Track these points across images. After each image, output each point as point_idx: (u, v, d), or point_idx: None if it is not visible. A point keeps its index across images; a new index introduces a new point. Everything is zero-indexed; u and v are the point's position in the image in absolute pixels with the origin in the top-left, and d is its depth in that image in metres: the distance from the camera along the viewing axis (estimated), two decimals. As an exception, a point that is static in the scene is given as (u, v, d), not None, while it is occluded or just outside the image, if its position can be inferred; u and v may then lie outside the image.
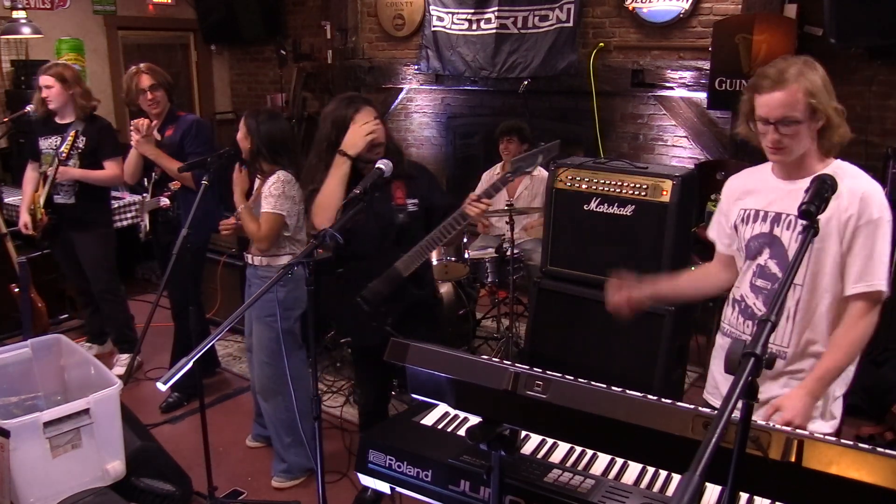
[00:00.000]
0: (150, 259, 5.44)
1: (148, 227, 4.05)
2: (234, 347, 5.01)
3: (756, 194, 2.19)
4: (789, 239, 2.08)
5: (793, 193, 2.03)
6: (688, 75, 5.09)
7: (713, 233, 2.40)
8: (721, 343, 2.33)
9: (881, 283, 1.98)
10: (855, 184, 1.99)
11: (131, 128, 3.82)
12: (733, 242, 2.27)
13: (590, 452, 1.82)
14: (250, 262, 3.37)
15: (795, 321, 2.10)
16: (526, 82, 5.02)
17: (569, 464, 1.78)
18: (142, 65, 3.96)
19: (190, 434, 3.75)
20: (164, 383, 1.96)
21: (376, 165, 2.58)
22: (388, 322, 2.80)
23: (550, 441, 1.87)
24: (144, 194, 4.04)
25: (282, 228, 3.19)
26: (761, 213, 2.15)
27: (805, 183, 1.92)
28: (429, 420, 2.02)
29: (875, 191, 1.99)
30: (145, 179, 4.02)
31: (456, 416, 2.02)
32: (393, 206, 2.85)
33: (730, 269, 2.33)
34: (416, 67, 6.47)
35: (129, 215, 5.54)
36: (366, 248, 2.84)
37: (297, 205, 3.20)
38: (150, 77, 3.89)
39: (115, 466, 2.78)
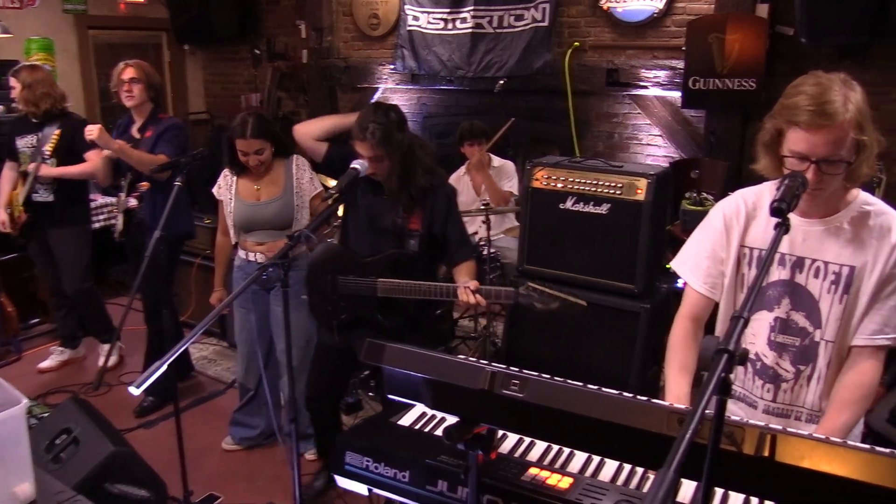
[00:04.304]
0: (124, 261, 5.39)
1: (122, 228, 4.02)
2: (208, 350, 4.97)
3: (764, 230, 1.90)
4: (819, 289, 1.83)
5: (816, 235, 1.83)
6: (662, 74, 5.14)
7: (686, 270, 2.06)
8: (731, 410, 1.89)
9: None
10: (893, 230, 1.77)
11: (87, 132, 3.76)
12: (718, 285, 2.00)
13: (567, 450, 1.82)
14: (251, 259, 3.37)
15: (827, 382, 1.87)
16: (502, 82, 5.04)
17: (546, 462, 1.79)
18: (132, 60, 3.98)
19: (165, 438, 3.71)
20: (137, 387, 1.94)
21: (352, 166, 2.57)
22: (341, 317, 2.83)
23: (528, 440, 1.87)
24: (120, 193, 3.99)
25: None
26: (777, 256, 1.86)
27: (831, 222, 1.81)
28: (406, 421, 2.01)
29: None
30: (122, 181, 3.98)
31: (433, 417, 2.02)
32: (404, 229, 2.76)
33: (704, 318, 2.05)
34: (392, 67, 6.46)
35: (101, 217, 5.48)
36: (360, 251, 2.85)
37: None
38: (133, 70, 3.90)
39: (24, 489, 2.69)
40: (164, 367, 1.93)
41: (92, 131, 3.68)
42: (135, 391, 1.92)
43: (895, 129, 4.35)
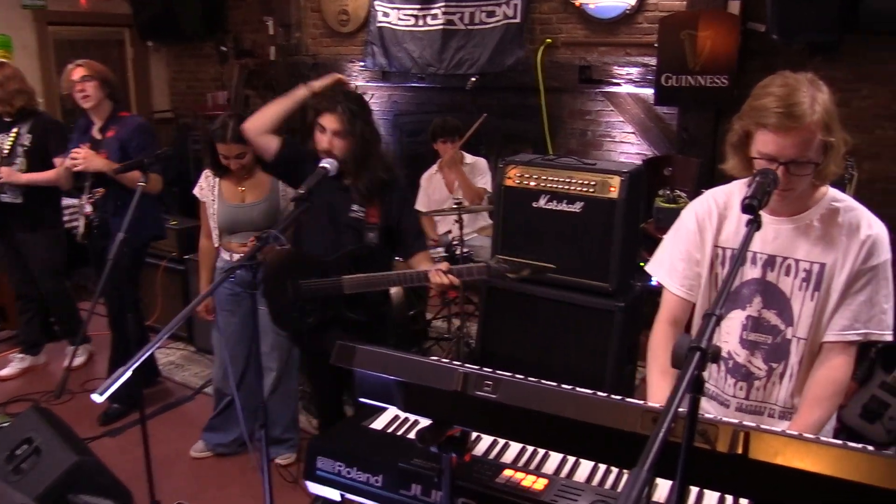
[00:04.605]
0: (86, 264, 5.32)
1: (83, 231, 3.96)
2: (175, 355, 4.91)
3: (736, 229, 1.93)
4: (791, 286, 1.87)
5: (787, 233, 1.86)
6: (634, 71, 5.18)
7: (662, 273, 2.08)
8: (703, 408, 1.98)
9: (884, 333, 1.82)
10: (862, 227, 1.81)
11: (70, 159, 3.71)
12: (695, 286, 2.02)
13: (542, 451, 1.83)
14: (227, 258, 3.39)
15: (799, 379, 1.91)
16: (473, 79, 5.05)
17: (521, 463, 1.79)
18: (81, 60, 3.90)
19: (130, 446, 3.66)
20: (101, 394, 1.90)
21: (320, 164, 2.56)
22: (308, 321, 2.83)
23: (502, 441, 1.88)
24: (82, 195, 3.93)
25: None
26: (749, 255, 1.90)
27: (801, 220, 1.85)
28: (378, 424, 2.01)
29: (882, 231, 1.82)
30: (84, 182, 3.92)
31: (406, 419, 2.02)
32: (363, 221, 2.80)
33: (683, 321, 2.07)
34: (362, 64, 6.44)
35: (63, 219, 5.38)
36: (319, 251, 2.84)
37: None
38: (83, 69, 3.82)
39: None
40: (129, 373, 1.89)
41: (78, 161, 3.64)
42: (98, 398, 1.88)
43: (865, 125, 4.50)
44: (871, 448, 1.32)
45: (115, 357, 4.12)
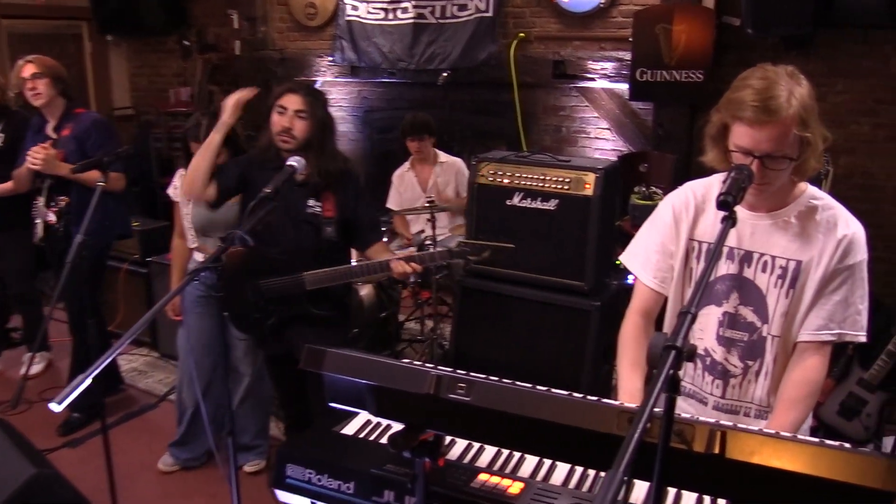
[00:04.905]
0: (46, 268, 5.24)
1: (42, 234, 3.90)
2: (139, 361, 4.85)
3: (713, 223, 1.92)
4: (766, 283, 1.88)
5: (764, 229, 1.88)
6: (609, 66, 5.22)
7: (636, 263, 2.10)
8: (681, 406, 2.02)
9: (858, 334, 1.85)
10: (839, 226, 1.83)
11: (28, 158, 3.65)
12: (668, 279, 2.03)
13: (517, 455, 1.83)
14: (202, 260, 3.36)
15: (775, 377, 1.93)
16: (445, 74, 5.06)
17: (496, 467, 1.79)
18: (31, 56, 3.83)
19: (92, 457, 3.60)
20: (59, 403, 1.87)
21: (287, 163, 2.54)
22: (270, 321, 2.87)
23: (477, 445, 1.88)
24: (39, 197, 3.87)
25: None
26: (726, 250, 1.92)
27: (778, 216, 1.87)
28: (350, 429, 2.00)
29: (859, 231, 1.84)
30: (41, 183, 3.86)
31: (379, 424, 2.01)
32: (320, 216, 2.85)
33: (654, 313, 2.08)
34: (331, 59, 6.42)
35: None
36: (279, 251, 2.85)
37: None
38: (33, 66, 3.76)
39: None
40: (89, 381, 1.86)
41: (37, 161, 3.57)
42: (56, 408, 1.85)
43: (841, 120, 4.58)
44: (847, 445, 1.34)
45: (76, 364, 4.07)
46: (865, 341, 1.88)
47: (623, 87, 5.15)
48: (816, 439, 1.48)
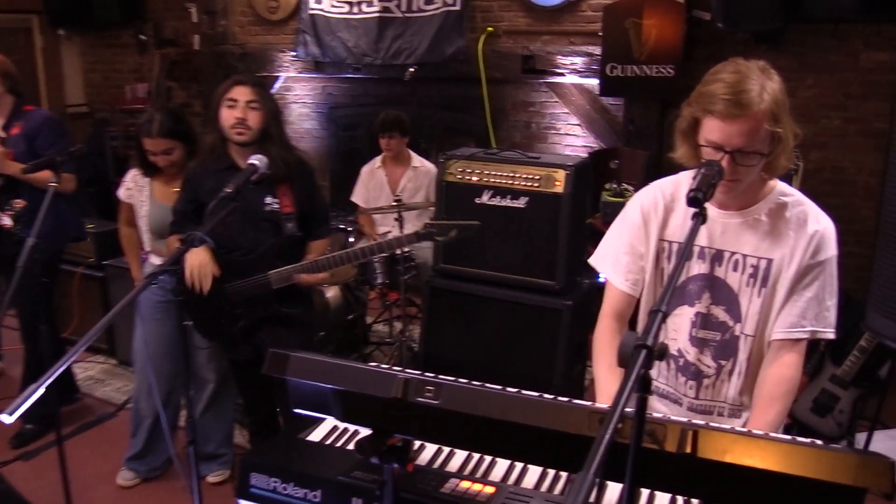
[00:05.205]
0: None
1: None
2: (95, 369, 4.78)
3: (682, 223, 1.96)
4: (738, 282, 1.91)
5: (735, 227, 1.90)
6: (579, 61, 5.26)
7: (606, 266, 2.10)
8: (656, 407, 2.07)
9: (828, 331, 1.88)
10: (809, 222, 1.85)
11: None
12: (640, 280, 2.04)
13: (488, 458, 1.84)
14: (159, 263, 3.33)
15: (748, 376, 1.95)
16: (412, 69, 5.05)
17: (466, 472, 1.80)
18: None
19: (46, 471, 3.54)
20: (11, 414, 1.84)
21: (249, 161, 2.52)
22: (239, 325, 2.88)
23: (447, 449, 1.88)
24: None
25: None
26: (697, 249, 1.93)
27: (749, 214, 1.89)
28: (316, 436, 1.99)
29: (830, 226, 1.86)
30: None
31: (346, 430, 2.00)
32: (279, 213, 2.86)
33: (628, 315, 2.09)
34: (294, 54, 6.38)
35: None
36: (239, 251, 2.84)
37: None
38: None
39: None
40: (42, 390, 1.83)
41: None
42: (7, 419, 1.82)
43: (811, 115, 4.67)
44: (819, 443, 1.37)
45: (28, 373, 3.99)
46: (834, 338, 1.92)
47: (593, 83, 5.19)
48: (788, 437, 1.51)
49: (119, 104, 7.42)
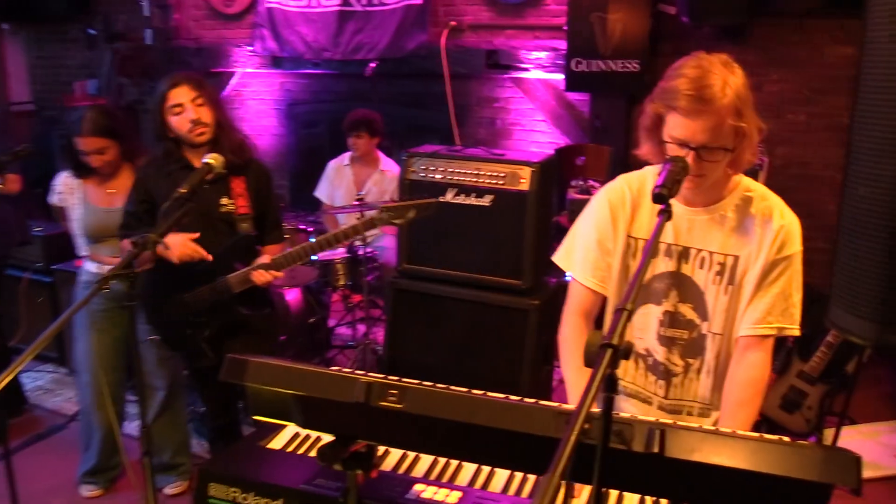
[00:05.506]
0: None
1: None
2: (45, 379, 4.70)
3: (649, 219, 1.97)
4: (705, 280, 1.93)
5: (701, 224, 1.92)
6: (544, 56, 5.29)
7: (571, 263, 2.10)
8: (625, 408, 2.08)
9: (794, 327, 1.90)
10: (774, 217, 1.88)
11: None
12: (607, 278, 2.04)
13: (455, 462, 1.85)
14: (96, 270, 3.24)
15: (717, 375, 1.98)
16: (373, 65, 5.04)
17: (432, 476, 1.80)
18: None
19: (-6, 485, 3.48)
20: (-47, 427, 1.81)
21: (203, 160, 2.50)
22: (205, 335, 2.87)
23: (413, 454, 1.88)
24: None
25: None
26: (663, 247, 1.95)
27: (715, 210, 1.91)
28: (277, 443, 1.98)
29: (795, 221, 1.89)
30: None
31: (308, 437, 2.00)
32: (234, 213, 2.85)
33: (594, 313, 2.10)
34: (250, 49, 6.33)
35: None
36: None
37: None
38: None
39: None
40: (-13, 402, 1.81)
41: None
42: (-50, 432, 1.79)
43: (777, 110, 4.75)
44: (786, 439, 1.39)
45: (-27, 385, 3.91)
46: (799, 335, 1.95)
47: (558, 78, 5.22)
48: (756, 434, 1.54)
49: (67, 102, 7.28)
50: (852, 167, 2.63)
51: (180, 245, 2.71)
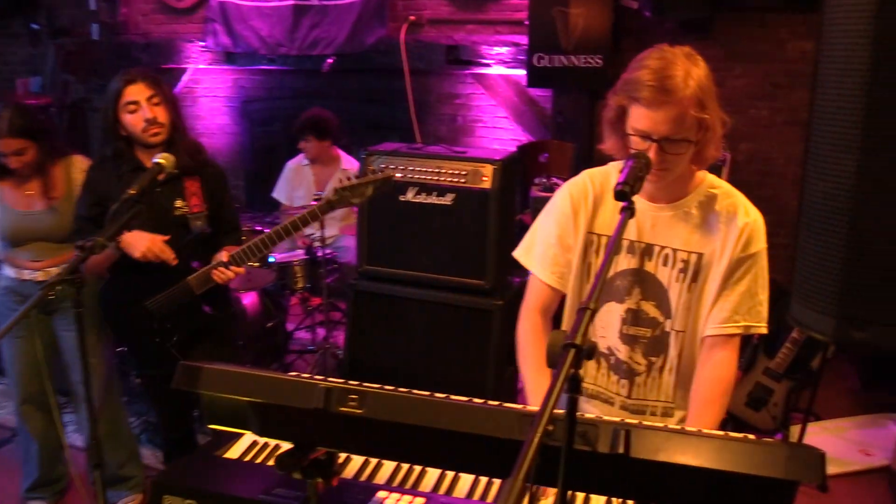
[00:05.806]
0: None
1: None
2: (-10, 390, 4.59)
3: (612, 215, 1.97)
4: (668, 277, 1.95)
5: (665, 221, 1.94)
6: (505, 51, 5.32)
7: (531, 259, 2.11)
8: (586, 409, 2.07)
9: (761, 325, 1.93)
10: (739, 214, 1.90)
11: None
12: (566, 275, 2.05)
13: (418, 468, 1.84)
14: (27, 278, 3.17)
15: (680, 373, 1.99)
16: (330, 60, 5.02)
17: (395, 483, 1.80)
18: None
19: (-65, 502, 3.40)
20: None
21: (154, 160, 2.47)
22: (173, 342, 2.84)
23: (375, 460, 1.88)
24: None
25: None
26: (626, 244, 1.96)
27: (679, 207, 1.93)
28: (234, 453, 1.95)
29: (759, 219, 1.91)
30: None
31: (266, 445, 1.98)
32: (188, 213, 2.83)
33: (552, 310, 2.12)
34: (203, 45, 6.26)
35: None
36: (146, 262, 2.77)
37: None
38: None
39: None
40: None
41: None
42: None
43: (740, 105, 4.82)
44: (752, 437, 1.41)
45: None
46: (766, 332, 1.98)
47: (520, 74, 5.25)
48: (721, 433, 1.56)
49: (9, 100, 7.13)
50: (811, 162, 2.68)
51: (147, 240, 2.67)
